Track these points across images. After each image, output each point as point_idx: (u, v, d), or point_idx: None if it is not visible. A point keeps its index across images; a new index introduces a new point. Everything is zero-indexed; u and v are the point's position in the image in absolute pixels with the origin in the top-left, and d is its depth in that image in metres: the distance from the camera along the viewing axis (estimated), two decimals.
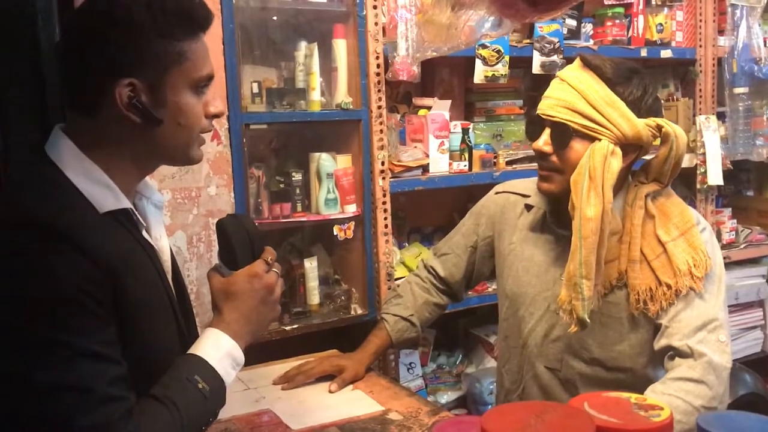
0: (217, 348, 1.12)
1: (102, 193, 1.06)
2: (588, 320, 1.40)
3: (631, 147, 1.46)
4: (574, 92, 1.44)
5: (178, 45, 1.06)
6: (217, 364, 1.11)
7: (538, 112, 1.50)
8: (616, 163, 1.41)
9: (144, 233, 1.14)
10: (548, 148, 1.48)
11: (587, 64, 1.47)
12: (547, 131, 1.49)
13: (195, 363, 1.10)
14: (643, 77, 1.47)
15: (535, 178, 1.59)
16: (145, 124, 1.06)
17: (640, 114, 1.44)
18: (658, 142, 1.48)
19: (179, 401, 1.05)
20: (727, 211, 3.05)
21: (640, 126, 1.43)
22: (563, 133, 1.46)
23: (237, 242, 1.18)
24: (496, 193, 1.79)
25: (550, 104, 1.47)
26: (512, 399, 1.67)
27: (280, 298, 1.23)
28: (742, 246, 3.05)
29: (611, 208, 1.41)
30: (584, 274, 1.39)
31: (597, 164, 1.40)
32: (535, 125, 1.52)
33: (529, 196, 1.68)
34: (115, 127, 1.06)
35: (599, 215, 1.38)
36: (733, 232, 3.04)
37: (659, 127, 1.44)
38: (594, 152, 1.41)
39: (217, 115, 1.14)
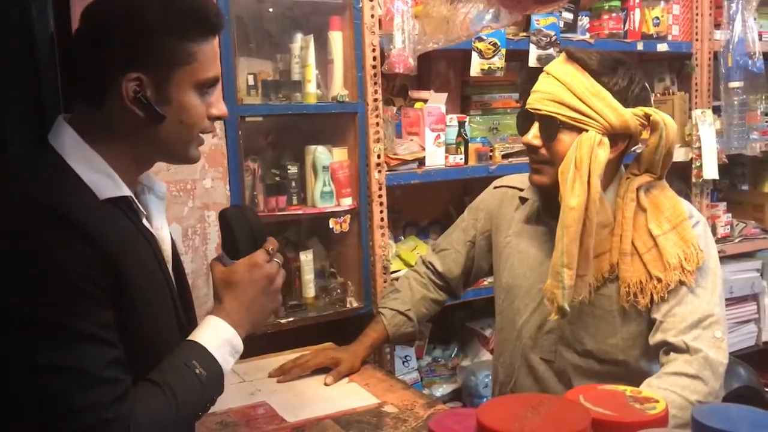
0: (216, 335, 1.13)
1: (102, 180, 1.07)
2: (567, 309, 1.41)
3: (619, 137, 1.46)
4: (560, 85, 1.46)
5: (189, 45, 1.07)
6: (215, 351, 1.12)
7: (526, 106, 1.52)
8: (603, 154, 1.42)
9: (144, 221, 1.14)
10: (537, 141, 1.50)
11: (572, 56, 1.48)
12: (536, 125, 1.50)
13: (193, 349, 1.11)
14: (628, 68, 1.48)
15: None
16: (148, 120, 1.07)
17: (627, 104, 1.45)
18: (647, 134, 1.49)
19: (176, 386, 1.06)
20: (722, 205, 3.06)
21: (627, 115, 1.43)
22: (551, 126, 1.47)
23: (239, 232, 1.20)
24: (495, 187, 1.80)
25: (538, 98, 1.49)
26: (506, 391, 1.68)
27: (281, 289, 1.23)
28: (736, 240, 3.07)
29: (600, 199, 1.41)
30: (565, 263, 1.39)
31: (584, 155, 1.41)
32: (524, 119, 1.54)
33: (524, 190, 1.69)
34: (118, 119, 1.07)
35: (582, 205, 1.39)
36: (728, 226, 3.05)
37: (647, 116, 1.45)
38: (581, 143, 1.42)
39: (219, 117, 1.16)
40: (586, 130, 1.43)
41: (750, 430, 0.69)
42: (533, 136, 1.50)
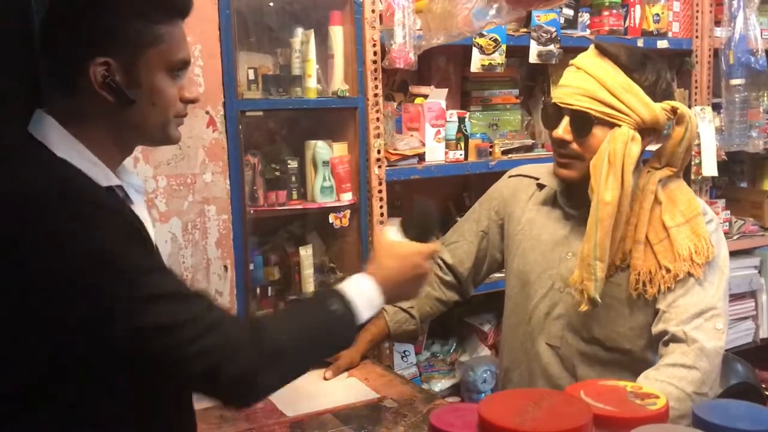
0: (360, 286, 1.21)
1: (94, 170, 1.08)
2: (599, 300, 1.44)
3: (647, 131, 1.48)
4: (593, 80, 1.46)
5: (155, 27, 1.07)
6: (355, 297, 1.18)
7: (554, 101, 1.52)
8: (636, 149, 1.44)
9: (135, 210, 1.16)
10: (569, 137, 1.50)
11: (603, 51, 1.49)
12: (566, 119, 1.50)
13: (333, 291, 1.20)
14: (655, 62, 1.50)
15: (549, 164, 1.62)
16: (119, 104, 1.07)
17: (655, 98, 1.47)
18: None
19: (305, 312, 1.18)
20: (721, 202, 3.06)
21: (657, 110, 1.45)
22: (584, 121, 1.47)
23: (422, 220, 1.32)
24: (510, 176, 1.80)
25: (568, 93, 1.49)
26: (512, 377, 1.68)
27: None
28: (735, 237, 3.07)
29: (629, 192, 1.43)
30: (598, 256, 1.42)
31: (618, 150, 1.42)
32: (552, 114, 1.54)
33: (540, 178, 1.69)
34: (91, 106, 1.08)
35: (616, 200, 1.42)
36: (727, 224, 3.05)
37: (674, 110, 1.47)
38: (615, 138, 1.44)
39: (192, 101, 1.16)
40: (619, 126, 1.44)
41: (748, 426, 0.70)
42: (564, 130, 1.50)
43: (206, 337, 0.99)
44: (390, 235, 1.30)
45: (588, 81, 1.47)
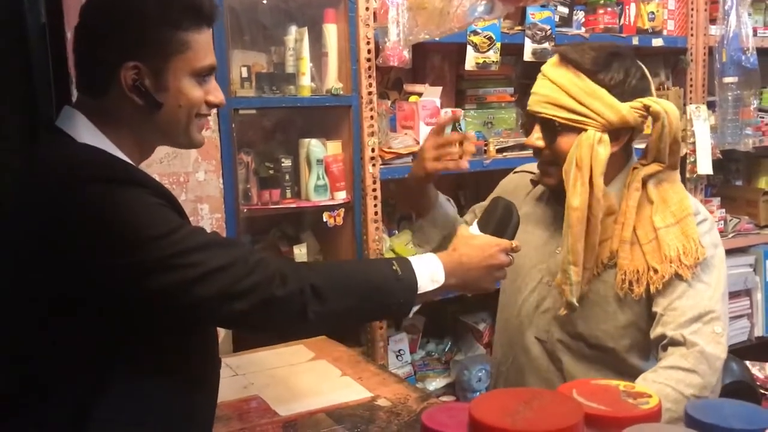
0: (424, 260, 1.26)
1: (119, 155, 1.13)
2: (576, 304, 1.45)
3: (621, 131, 1.47)
4: (555, 87, 1.47)
5: (182, 34, 1.11)
6: (416, 267, 1.23)
7: (528, 108, 1.53)
8: (604, 152, 1.43)
9: None
10: (540, 143, 1.51)
11: (564, 58, 1.48)
12: (537, 127, 1.51)
13: (400, 258, 1.25)
14: (623, 59, 1.48)
15: None
16: (147, 107, 1.12)
17: (624, 97, 1.45)
18: (649, 130, 1.49)
19: (367, 266, 1.24)
20: (716, 201, 3.06)
21: (625, 110, 1.44)
22: (550, 128, 1.49)
23: (500, 217, 1.38)
24: (515, 172, 1.81)
25: (537, 101, 1.51)
26: (503, 371, 1.69)
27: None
28: (730, 235, 3.07)
29: (604, 194, 1.43)
30: (572, 261, 1.43)
31: (584, 154, 1.43)
32: (527, 121, 1.57)
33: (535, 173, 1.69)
34: (120, 107, 1.12)
35: (584, 204, 1.42)
36: (722, 222, 3.05)
37: (646, 107, 1.45)
38: (581, 142, 1.44)
39: (216, 105, 1.20)
40: (585, 130, 1.44)
41: (742, 425, 0.69)
42: (536, 138, 1.52)
43: (256, 272, 1.07)
44: (470, 230, 1.37)
45: (552, 89, 1.47)
